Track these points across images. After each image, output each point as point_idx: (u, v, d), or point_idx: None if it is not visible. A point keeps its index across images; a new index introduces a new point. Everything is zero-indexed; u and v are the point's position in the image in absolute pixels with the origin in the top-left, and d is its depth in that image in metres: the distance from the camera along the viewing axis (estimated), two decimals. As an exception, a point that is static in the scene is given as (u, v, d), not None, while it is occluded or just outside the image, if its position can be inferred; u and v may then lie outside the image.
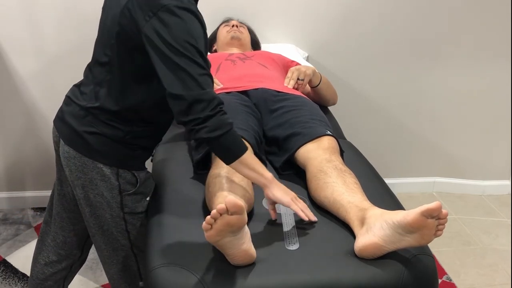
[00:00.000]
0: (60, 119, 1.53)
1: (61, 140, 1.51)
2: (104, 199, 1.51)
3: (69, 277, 1.81)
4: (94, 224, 1.57)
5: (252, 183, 1.51)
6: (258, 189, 1.53)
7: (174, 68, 1.27)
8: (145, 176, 1.55)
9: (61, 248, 1.74)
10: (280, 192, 1.39)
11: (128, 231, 1.57)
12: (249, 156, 1.36)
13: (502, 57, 2.82)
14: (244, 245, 1.21)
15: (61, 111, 1.54)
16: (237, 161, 1.34)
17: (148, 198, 1.57)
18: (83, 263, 1.84)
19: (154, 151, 1.95)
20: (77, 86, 1.53)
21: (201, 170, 1.66)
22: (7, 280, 2.25)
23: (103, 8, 1.47)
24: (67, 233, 1.72)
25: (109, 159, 1.47)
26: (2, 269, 2.32)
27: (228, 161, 1.35)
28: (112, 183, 1.49)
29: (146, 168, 1.57)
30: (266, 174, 1.39)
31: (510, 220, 2.87)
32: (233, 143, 1.33)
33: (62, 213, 1.69)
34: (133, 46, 1.35)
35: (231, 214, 1.16)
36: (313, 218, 1.41)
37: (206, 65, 1.32)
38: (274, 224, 1.42)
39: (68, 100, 1.52)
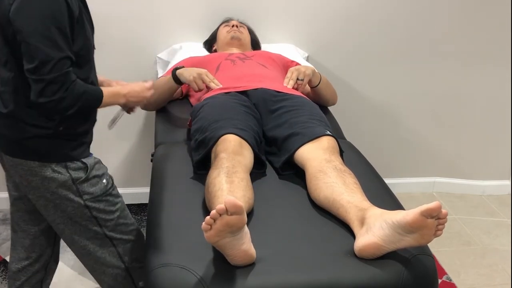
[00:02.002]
0: None
1: (4, 155, 1.51)
2: (61, 194, 1.50)
3: (46, 279, 1.80)
4: (61, 220, 1.56)
5: (252, 183, 1.52)
6: (258, 189, 1.53)
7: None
8: (94, 161, 1.55)
9: (31, 251, 1.73)
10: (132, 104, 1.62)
11: (95, 217, 1.56)
12: (105, 96, 1.47)
13: (503, 58, 2.82)
14: (244, 246, 1.21)
15: None
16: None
17: (104, 180, 1.56)
18: (57, 261, 1.83)
19: (154, 151, 1.95)
20: None
21: (201, 170, 1.66)
22: (7, 280, 2.25)
23: None
24: (33, 234, 1.71)
25: (54, 157, 1.47)
26: (2, 269, 2.32)
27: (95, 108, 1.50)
28: (64, 176, 1.48)
29: (92, 154, 1.58)
30: (122, 102, 1.56)
31: (510, 220, 2.87)
32: (89, 104, 1.44)
33: (25, 216, 1.69)
34: (14, 34, 1.34)
35: (231, 215, 1.16)
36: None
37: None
38: (274, 224, 1.42)
39: None
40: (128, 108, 1.69)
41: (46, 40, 1.30)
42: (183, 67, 2.06)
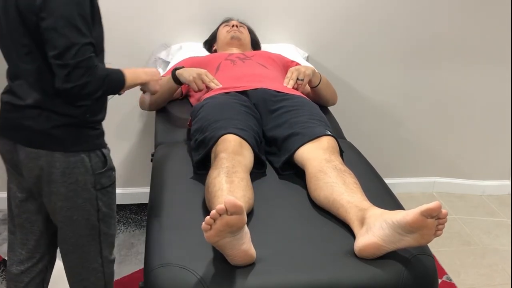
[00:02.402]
0: (12, 129, 1.50)
1: (20, 145, 1.50)
2: (79, 184, 1.51)
3: (47, 278, 1.80)
4: (66, 215, 1.56)
5: (252, 183, 1.52)
6: (258, 189, 1.53)
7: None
8: (108, 152, 1.58)
9: (35, 252, 1.72)
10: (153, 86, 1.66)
11: (98, 210, 1.58)
12: (127, 75, 1.51)
13: (502, 58, 2.82)
14: (244, 246, 1.21)
15: (6, 120, 1.51)
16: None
17: (114, 172, 1.60)
18: (55, 259, 1.82)
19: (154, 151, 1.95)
20: (8, 91, 1.52)
21: (201, 170, 1.66)
22: (7, 283, 2.25)
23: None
24: (39, 234, 1.70)
25: (79, 146, 1.49)
26: (2, 269, 2.32)
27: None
28: (85, 166, 1.50)
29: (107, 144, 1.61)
30: (143, 79, 1.62)
31: (510, 220, 2.87)
32: (112, 86, 1.48)
33: (31, 217, 1.67)
34: (37, 23, 1.36)
35: (231, 215, 1.16)
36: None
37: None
38: (274, 224, 1.42)
39: (8, 106, 1.50)
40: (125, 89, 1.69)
41: (70, 27, 1.33)
42: (183, 67, 2.06)
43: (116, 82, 1.48)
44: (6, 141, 1.53)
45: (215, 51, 2.44)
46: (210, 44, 2.50)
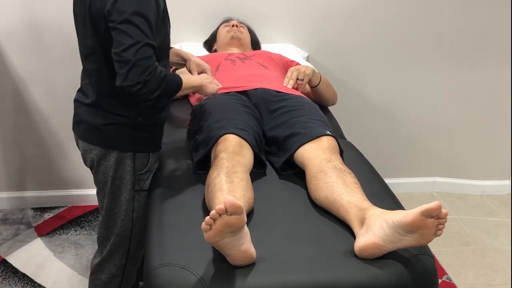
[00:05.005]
0: (76, 124, 1.64)
1: (80, 139, 1.63)
2: (122, 181, 1.62)
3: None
4: (108, 206, 1.67)
5: (252, 183, 1.52)
6: (258, 189, 1.53)
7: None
8: (157, 157, 1.69)
9: None
10: (211, 88, 1.69)
11: (133, 211, 1.69)
12: (183, 78, 1.53)
13: (503, 58, 2.82)
14: (243, 246, 1.21)
15: (75, 115, 1.65)
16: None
17: (151, 176, 1.69)
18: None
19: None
20: (79, 90, 1.65)
21: (201, 170, 1.66)
22: (7, 280, 2.25)
23: (74, 5, 1.57)
24: None
25: (128, 146, 1.59)
26: (2, 269, 2.32)
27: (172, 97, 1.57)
28: (130, 165, 1.61)
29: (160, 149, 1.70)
30: (197, 81, 1.64)
31: (510, 220, 2.87)
32: (171, 87, 1.49)
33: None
34: (106, 26, 1.43)
35: (230, 215, 1.15)
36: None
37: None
38: (274, 224, 1.42)
39: (77, 103, 1.64)
40: None
41: (134, 27, 1.38)
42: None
43: (173, 83, 1.50)
44: (75, 136, 1.67)
45: (215, 51, 2.44)
46: (210, 44, 2.50)
